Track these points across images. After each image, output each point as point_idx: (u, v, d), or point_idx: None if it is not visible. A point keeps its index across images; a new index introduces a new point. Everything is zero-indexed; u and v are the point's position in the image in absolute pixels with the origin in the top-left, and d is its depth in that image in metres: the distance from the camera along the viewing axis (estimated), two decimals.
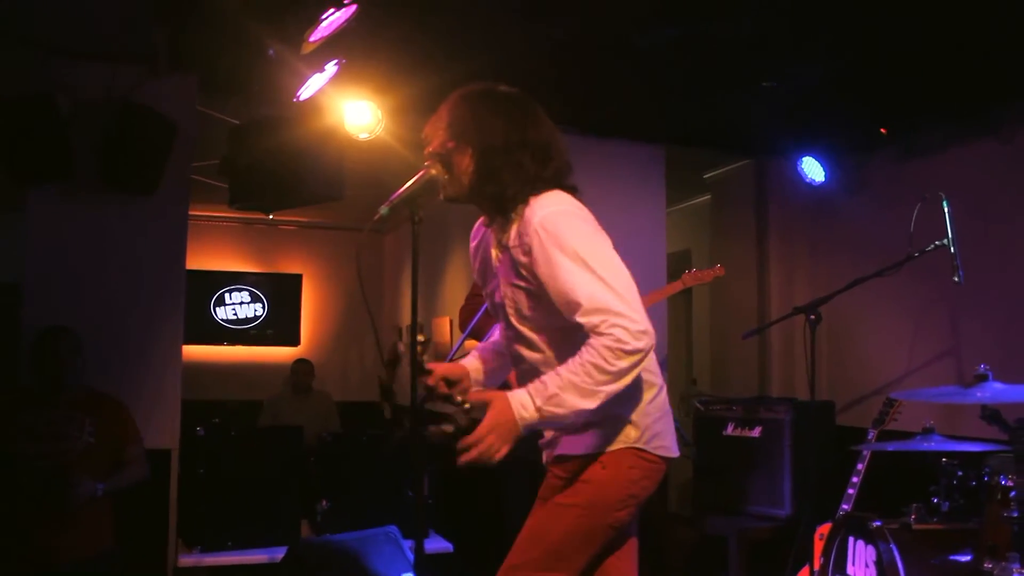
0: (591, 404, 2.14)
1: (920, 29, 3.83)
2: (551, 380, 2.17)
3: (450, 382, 2.52)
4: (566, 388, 2.14)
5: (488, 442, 2.15)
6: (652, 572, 2.57)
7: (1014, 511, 2.91)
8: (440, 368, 2.52)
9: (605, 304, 2.13)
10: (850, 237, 5.64)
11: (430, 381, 2.45)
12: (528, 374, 2.44)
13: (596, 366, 2.12)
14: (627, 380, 2.15)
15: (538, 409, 2.15)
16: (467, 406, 2.29)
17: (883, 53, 4.09)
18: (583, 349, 2.15)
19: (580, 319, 2.15)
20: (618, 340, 2.11)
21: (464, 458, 2.16)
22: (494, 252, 2.42)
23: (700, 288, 7.43)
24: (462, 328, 4.29)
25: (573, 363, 2.15)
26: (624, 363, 2.12)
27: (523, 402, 2.17)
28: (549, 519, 2.36)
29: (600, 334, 2.12)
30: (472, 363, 2.65)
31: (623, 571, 2.50)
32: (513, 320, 2.39)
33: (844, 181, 5.55)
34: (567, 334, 2.28)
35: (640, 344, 2.12)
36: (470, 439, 2.16)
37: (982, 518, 3.14)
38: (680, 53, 4.15)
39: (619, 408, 2.31)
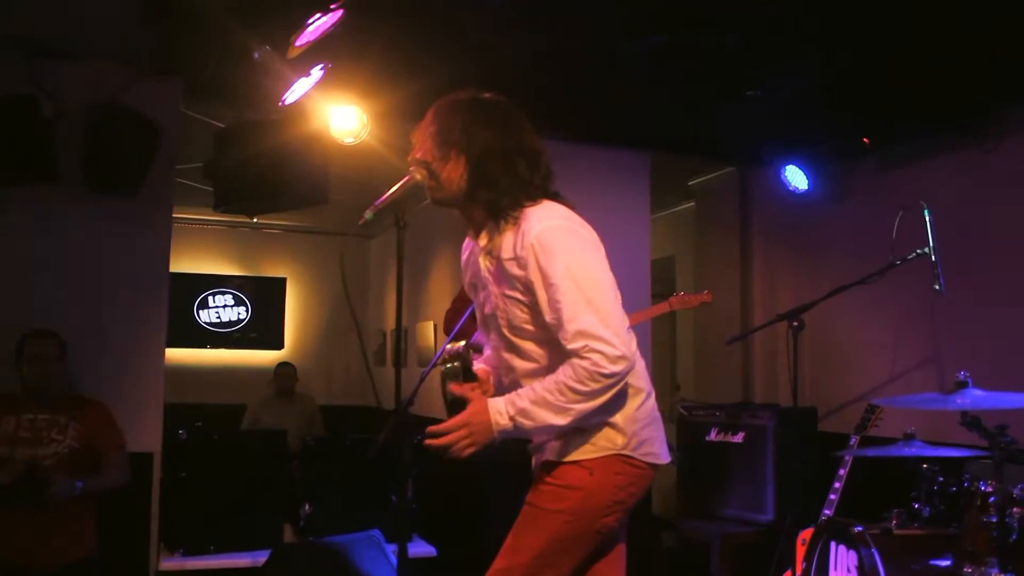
0: (562, 421, 2.22)
1: (903, 40, 3.86)
2: (526, 393, 2.25)
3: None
4: (539, 403, 2.22)
5: (458, 435, 2.24)
6: None
7: (993, 516, 2.93)
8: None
9: (587, 327, 2.18)
10: (833, 245, 5.67)
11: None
12: (513, 386, 2.45)
13: (569, 387, 2.20)
14: (600, 401, 2.22)
15: (511, 418, 2.24)
16: (449, 398, 2.38)
17: (866, 63, 4.13)
18: (561, 368, 2.23)
19: (562, 340, 2.22)
20: (595, 364, 2.18)
21: (431, 442, 2.23)
22: (483, 262, 2.42)
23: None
24: (446, 332, 4.30)
25: (549, 380, 2.23)
26: (597, 386, 2.20)
27: (499, 409, 2.25)
28: (536, 524, 2.37)
29: (580, 357, 2.19)
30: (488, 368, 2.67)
31: None
32: (505, 331, 2.40)
33: (827, 189, 5.59)
34: (557, 344, 2.30)
35: (616, 368, 2.19)
36: (441, 427, 2.24)
37: (962, 523, 3.16)
38: (665, 61, 4.17)
39: (606, 415, 2.32)
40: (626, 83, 4.53)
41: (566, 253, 2.24)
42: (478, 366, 2.64)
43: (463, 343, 2.55)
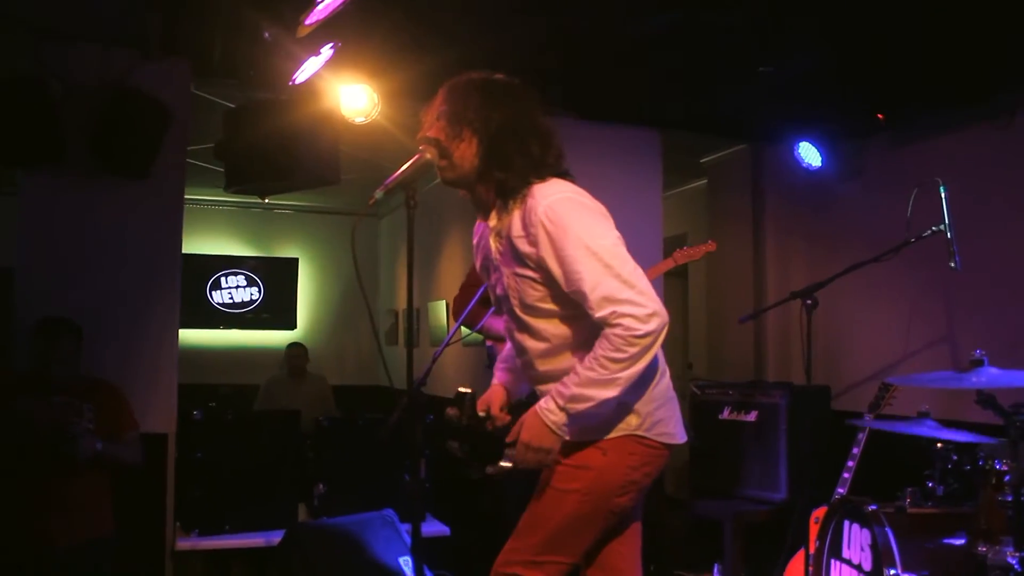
0: (614, 391, 2.21)
1: (918, 14, 3.82)
2: (570, 379, 2.25)
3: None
4: (584, 384, 2.21)
5: (528, 459, 2.28)
6: (648, 555, 2.57)
7: (1008, 495, 2.92)
8: (492, 409, 2.56)
9: (611, 292, 2.17)
10: (847, 222, 5.63)
11: (488, 426, 2.50)
12: (529, 366, 2.45)
13: (609, 358, 2.18)
14: (645, 361, 2.20)
15: (563, 409, 2.23)
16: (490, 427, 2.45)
17: (881, 38, 4.08)
18: (597, 343, 2.21)
19: (589, 311, 2.21)
20: (628, 328, 2.16)
21: (508, 468, 2.30)
22: (493, 243, 2.41)
23: (696, 272, 7.46)
24: (455, 317, 4.29)
25: (588, 359, 2.22)
26: (636, 348, 2.17)
27: (548, 408, 2.25)
28: (550, 504, 2.37)
29: (611, 325, 2.17)
30: (503, 377, 2.67)
31: (626, 556, 2.52)
32: (517, 310, 2.40)
33: (841, 167, 5.54)
34: (571, 321, 2.31)
35: (651, 326, 2.17)
36: (511, 463, 2.30)
37: (976, 502, 3.15)
38: (677, 39, 4.13)
39: (625, 395, 2.32)
40: (637, 61, 4.49)
41: (576, 223, 2.23)
42: (493, 383, 2.65)
43: (470, 391, 2.53)
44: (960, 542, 3.21)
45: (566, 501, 2.34)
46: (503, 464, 2.32)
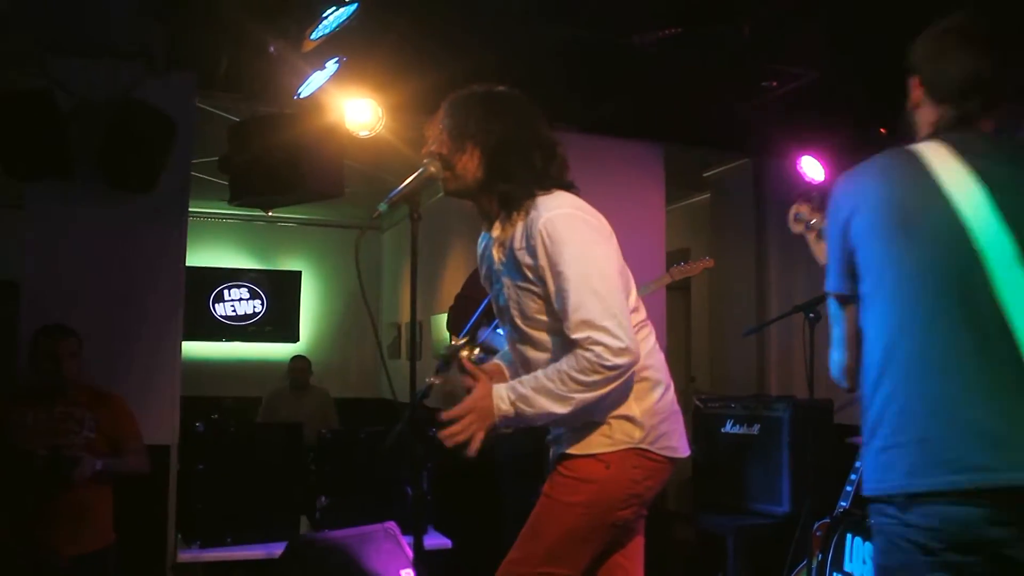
0: (562, 409, 2.21)
1: (920, 28, 3.83)
2: (528, 380, 2.25)
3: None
4: (540, 391, 2.21)
5: (467, 421, 2.22)
6: (651, 569, 2.57)
7: None
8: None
9: (591, 317, 2.18)
10: None
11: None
12: None
13: (571, 376, 2.18)
14: (602, 392, 2.20)
15: (512, 403, 2.23)
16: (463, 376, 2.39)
17: (883, 53, 4.09)
18: (564, 358, 2.22)
19: (566, 329, 2.22)
20: (598, 356, 2.16)
21: (444, 435, 2.22)
22: (496, 254, 2.42)
23: (699, 286, 7.46)
24: (452, 329, 4.28)
25: (552, 368, 2.23)
26: (599, 377, 2.18)
27: (501, 395, 2.25)
28: (551, 516, 2.37)
29: (584, 348, 2.18)
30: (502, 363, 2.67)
31: (629, 570, 2.51)
32: (518, 321, 2.40)
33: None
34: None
35: (619, 361, 2.17)
36: (450, 414, 2.24)
37: None
38: (680, 52, 4.15)
39: (624, 408, 2.32)
40: (640, 75, 4.51)
41: (573, 242, 2.23)
42: (493, 360, 2.64)
43: (464, 340, 2.53)
44: None
45: (568, 514, 2.33)
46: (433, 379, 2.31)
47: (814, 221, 2.63)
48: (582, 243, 2.24)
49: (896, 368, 1.71)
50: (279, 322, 9.45)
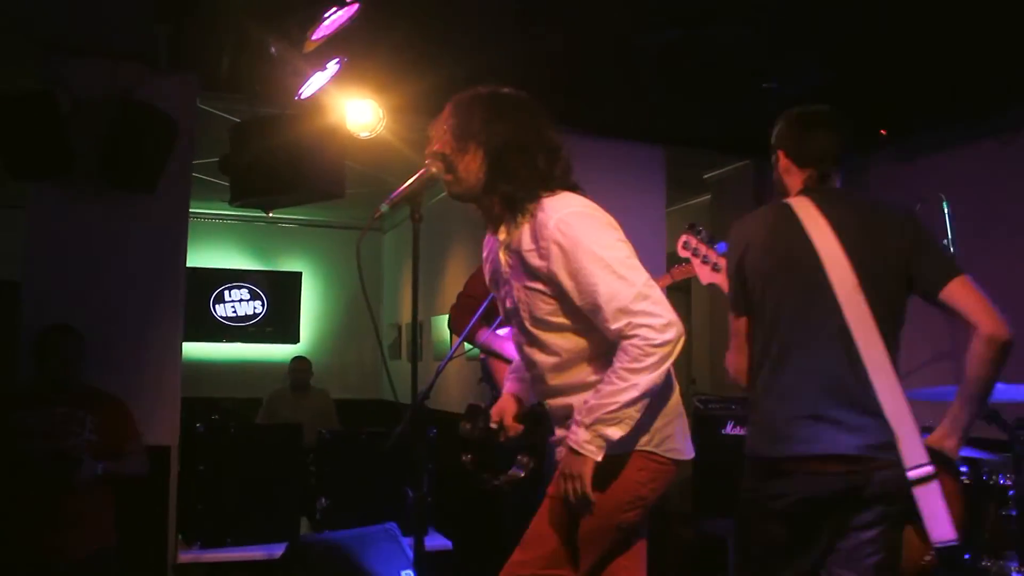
0: (634, 394, 2.16)
1: (921, 31, 3.83)
2: (591, 399, 2.22)
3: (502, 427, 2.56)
4: (605, 396, 2.18)
5: (569, 488, 2.23)
6: (651, 570, 2.57)
7: (1012, 510, 2.92)
8: (505, 420, 2.57)
9: (626, 304, 2.16)
10: None
11: (501, 438, 2.52)
12: (539, 380, 2.45)
13: (627, 369, 2.16)
14: (663, 368, 2.18)
15: (588, 427, 2.19)
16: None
17: (883, 54, 4.10)
18: (615, 357, 2.19)
19: (605, 323, 2.20)
20: (644, 338, 2.15)
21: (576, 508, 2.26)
22: (502, 256, 2.41)
23: (699, 287, 7.44)
24: (454, 329, 4.28)
25: (607, 375, 2.20)
26: (654, 358, 2.16)
27: (575, 439, 2.21)
28: (556, 518, 2.36)
29: (627, 336, 2.16)
30: (514, 387, 2.66)
31: (631, 572, 2.50)
32: (527, 324, 2.39)
33: (843, 182, 5.53)
34: (581, 335, 2.30)
35: (668, 336, 2.16)
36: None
37: (981, 517, 3.14)
38: (680, 54, 4.15)
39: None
40: (640, 77, 4.51)
41: (589, 236, 2.23)
42: (504, 393, 2.66)
43: (483, 405, 2.56)
44: (965, 557, 3.20)
45: (572, 516, 2.34)
46: (512, 473, 2.32)
47: (702, 251, 3.11)
48: (597, 236, 2.24)
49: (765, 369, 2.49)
50: (279, 323, 9.45)
